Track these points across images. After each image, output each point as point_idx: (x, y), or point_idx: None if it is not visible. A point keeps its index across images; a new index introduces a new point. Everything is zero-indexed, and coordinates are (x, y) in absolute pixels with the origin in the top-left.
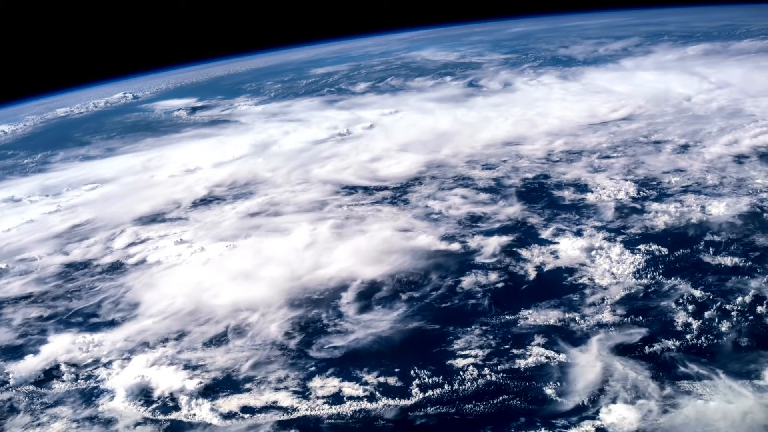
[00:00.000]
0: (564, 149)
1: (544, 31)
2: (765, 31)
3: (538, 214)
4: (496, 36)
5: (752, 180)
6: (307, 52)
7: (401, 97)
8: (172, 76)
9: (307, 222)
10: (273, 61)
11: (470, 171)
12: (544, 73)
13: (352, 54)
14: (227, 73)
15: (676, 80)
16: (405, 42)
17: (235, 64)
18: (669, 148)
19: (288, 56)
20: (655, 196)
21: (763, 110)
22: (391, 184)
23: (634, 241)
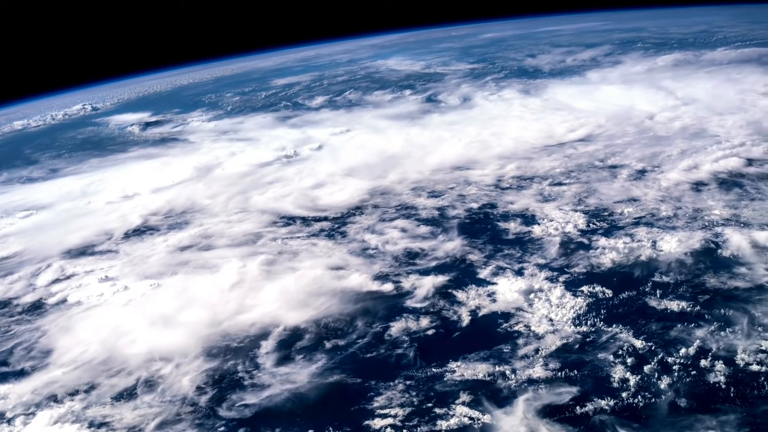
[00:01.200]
0: (515, 174)
1: (517, 38)
2: (740, 38)
3: (479, 250)
4: (467, 42)
5: (709, 211)
6: (277, 58)
7: (356, 114)
8: (139, 83)
9: (237, 258)
10: (240, 69)
11: (415, 199)
12: (506, 87)
13: (319, 62)
14: (192, 81)
15: (641, 96)
16: (374, 48)
17: (204, 71)
18: (625, 173)
19: (257, 63)
20: (605, 229)
21: (727, 130)
22: (331, 214)
23: (578, 281)
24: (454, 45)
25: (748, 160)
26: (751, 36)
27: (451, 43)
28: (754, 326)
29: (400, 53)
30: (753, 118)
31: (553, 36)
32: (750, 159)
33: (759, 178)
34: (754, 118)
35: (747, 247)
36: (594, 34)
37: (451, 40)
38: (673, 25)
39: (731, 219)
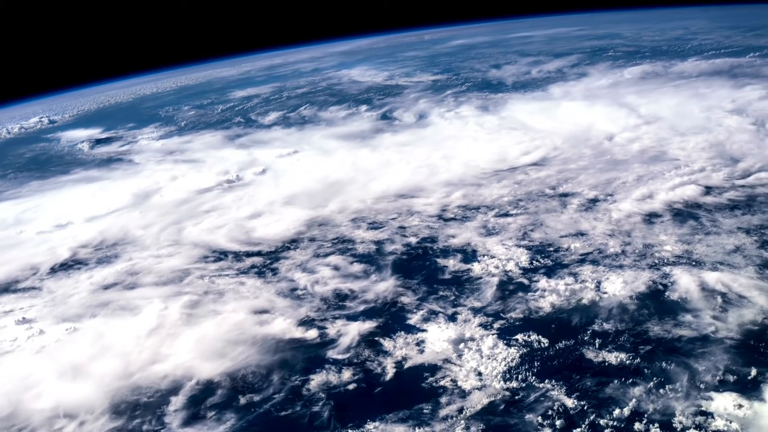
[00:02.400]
0: (461, 204)
1: (487, 44)
2: (715, 45)
3: (413, 291)
4: (435, 49)
5: (660, 247)
6: (245, 65)
7: (307, 133)
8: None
9: (160, 298)
10: (205, 77)
11: (353, 231)
12: (465, 102)
13: (283, 71)
14: (155, 91)
15: (602, 113)
16: (342, 56)
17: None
18: (576, 203)
19: (222, 71)
20: (548, 267)
21: (688, 153)
22: (265, 248)
23: (513, 328)
24: (420, 53)
25: (706, 188)
26: (725, 44)
27: (418, 51)
28: (695, 384)
29: (366, 62)
30: (716, 139)
31: (524, 43)
32: (708, 187)
33: (716, 208)
34: (717, 140)
35: (695, 291)
36: (565, 42)
37: (420, 47)
38: (649, 29)
39: (683, 256)
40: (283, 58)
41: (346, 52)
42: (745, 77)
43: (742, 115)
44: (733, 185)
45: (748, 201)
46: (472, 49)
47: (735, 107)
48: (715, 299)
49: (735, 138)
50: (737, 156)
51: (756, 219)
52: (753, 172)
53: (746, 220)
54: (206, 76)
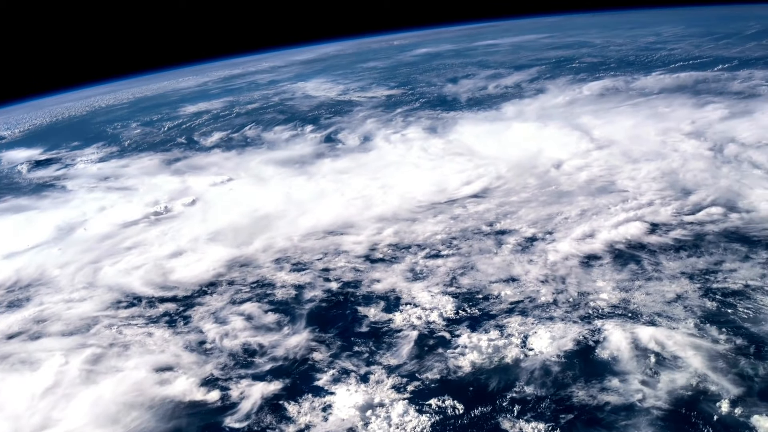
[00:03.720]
0: (392, 242)
1: (451, 54)
2: (683, 56)
3: (327, 346)
4: (396, 59)
5: (595, 295)
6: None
7: (246, 157)
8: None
9: (62, 352)
10: (162, 89)
11: (275, 274)
12: (414, 122)
13: (240, 83)
14: (111, 103)
15: (553, 137)
16: (301, 66)
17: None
18: (512, 242)
19: (180, 83)
20: (474, 319)
21: (637, 184)
22: (180, 293)
23: (428, 391)
24: (381, 64)
25: (652, 226)
26: (694, 54)
27: (379, 61)
28: None
29: (324, 73)
30: (669, 167)
31: (488, 53)
32: (654, 224)
33: (660, 249)
34: (671, 168)
35: (627, 350)
36: (530, 51)
37: (385, 55)
38: (620, 36)
39: (619, 306)
40: (244, 67)
41: (309, 61)
42: (708, 94)
43: (700, 139)
44: (681, 222)
45: (696, 241)
46: (435, 58)
47: (694, 129)
48: (647, 359)
49: (690, 166)
50: (690, 187)
51: (702, 262)
52: (704, 206)
53: (691, 264)
54: (164, 87)
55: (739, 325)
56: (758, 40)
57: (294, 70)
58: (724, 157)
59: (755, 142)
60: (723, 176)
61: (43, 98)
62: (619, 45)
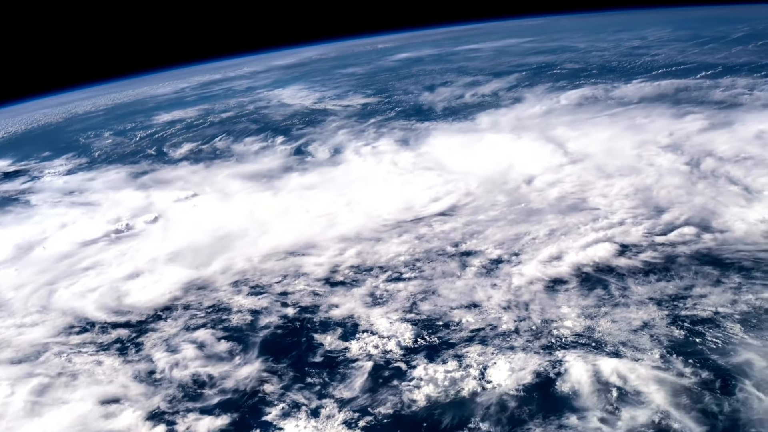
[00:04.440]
0: (354, 263)
1: (432, 59)
2: (667, 61)
3: (279, 377)
4: (376, 65)
5: (559, 322)
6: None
7: (213, 171)
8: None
9: (9, 381)
10: (139, 95)
11: (232, 298)
12: (386, 134)
13: (216, 89)
14: (88, 110)
15: (526, 150)
16: (281, 71)
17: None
18: (476, 264)
19: (157, 88)
20: (432, 348)
21: (609, 202)
22: (135, 318)
23: (380, 428)
24: (360, 70)
25: (622, 247)
26: (678, 60)
27: (359, 67)
28: None
29: (302, 79)
30: (643, 183)
31: (468, 58)
32: (624, 245)
33: (629, 272)
34: (645, 184)
35: (588, 383)
36: (512, 56)
37: (365, 60)
38: (605, 40)
39: (583, 335)
40: (224, 72)
41: (289, 66)
42: (688, 104)
43: (677, 153)
44: (652, 243)
45: (666, 263)
46: (415, 63)
47: (671, 142)
48: (609, 395)
49: (665, 182)
50: (663, 205)
51: (671, 287)
52: (677, 225)
53: (660, 289)
54: (142, 93)
55: (706, 356)
56: (744, 44)
57: (273, 76)
58: (700, 172)
59: (733, 156)
60: (698, 193)
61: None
62: (602, 50)
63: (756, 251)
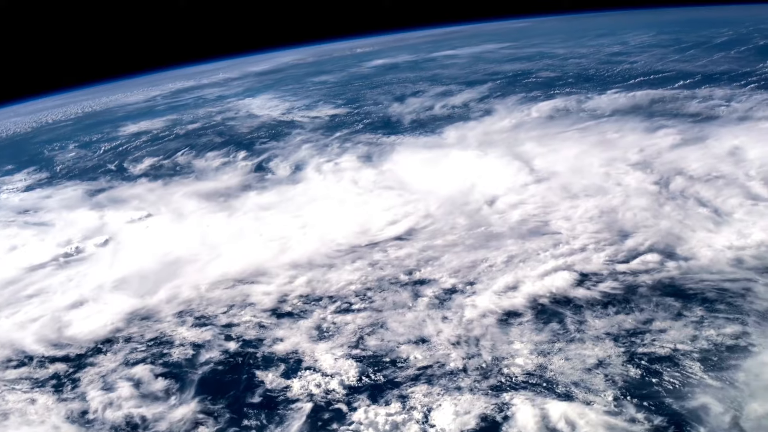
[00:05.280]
0: (303, 292)
1: (408, 66)
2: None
3: (215, 419)
4: (350, 72)
5: (510, 360)
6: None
7: (171, 188)
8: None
9: None
10: (112, 102)
11: (175, 330)
12: (350, 149)
13: (188, 98)
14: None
15: (491, 168)
16: (254, 79)
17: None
18: (429, 294)
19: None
20: (376, 387)
21: (572, 225)
22: (74, 351)
23: None
24: (332, 78)
25: (581, 276)
26: (656, 68)
27: (332, 75)
28: None
29: (274, 88)
30: (609, 205)
31: (444, 65)
32: (584, 274)
33: (587, 304)
34: (610, 206)
35: (534, 430)
36: (489, 63)
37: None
38: (585, 45)
39: (534, 374)
40: (199, 78)
41: (264, 73)
42: (662, 117)
43: (646, 171)
44: (613, 272)
45: (626, 294)
46: (390, 71)
47: (641, 159)
48: None
49: (631, 203)
50: (628, 229)
51: (630, 320)
52: (640, 252)
53: (618, 322)
54: (114, 101)
55: (661, 399)
56: (726, 50)
57: (246, 84)
58: (669, 193)
59: (704, 175)
60: (665, 216)
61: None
62: (581, 56)
63: (721, 281)
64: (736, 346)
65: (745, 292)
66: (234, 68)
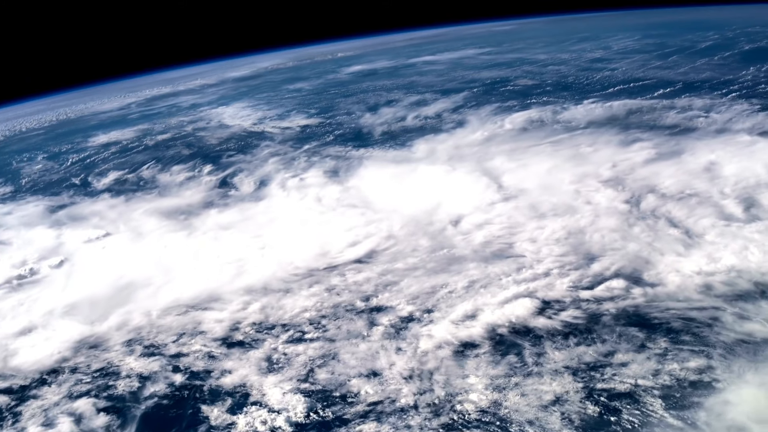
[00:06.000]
0: (256, 319)
1: (385, 72)
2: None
3: None
4: (327, 79)
5: (463, 396)
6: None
7: (132, 205)
8: None
9: None
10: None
11: (123, 359)
12: (317, 163)
13: (162, 106)
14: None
15: (459, 184)
16: (231, 86)
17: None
18: (385, 323)
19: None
20: (324, 424)
21: (537, 248)
22: (18, 382)
23: None
24: (308, 85)
25: (543, 303)
26: (636, 76)
27: (307, 82)
28: None
29: (248, 95)
30: (577, 225)
31: (423, 72)
32: (546, 301)
33: (548, 334)
34: (578, 226)
35: None
36: (467, 70)
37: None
38: (567, 50)
39: (487, 411)
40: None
41: (241, 79)
42: (638, 129)
43: (618, 188)
44: (577, 299)
45: (589, 324)
46: (367, 77)
47: (613, 175)
48: None
49: (600, 224)
50: (595, 252)
51: (591, 352)
52: (606, 277)
53: (579, 354)
54: (88, 108)
55: None
56: (710, 56)
57: (221, 91)
58: (639, 212)
59: (677, 193)
60: (634, 238)
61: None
62: (561, 62)
63: (687, 309)
64: (699, 381)
65: (712, 322)
66: (213, 73)
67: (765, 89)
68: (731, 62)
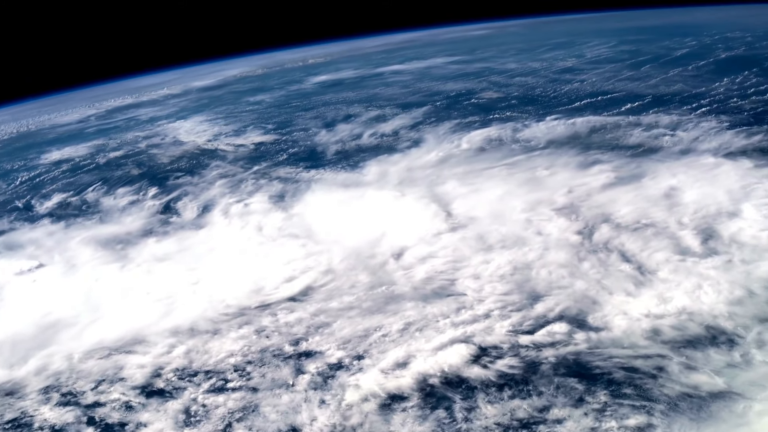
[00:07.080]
0: (180, 365)
1: (350, 83)
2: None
3: None
4: (288, 91)
5: None
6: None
7: (71, 232)
8: None
9: None
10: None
11: (38, 408)
12: (265, 186)
13: (120, 119)
14: None
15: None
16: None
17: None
18: (312, 370)
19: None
20: None
21: (480, 285)
22: None
23: None
24: (269, 97)
25: (479, 350)
26: (605, 88)
27: (270, 93)
28: None
29: (208, 108)
30: (524, 259)
31: (388, 83)
32: (483, 348)
33: (481, 386)
34: (525, 261)
35: None
36: (433, 80)
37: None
38: (539, 58)
39: None
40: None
41: (206, 89)
42: (599, 150)
43: (571, 218)
44: (515, 345)
45: (526, 373)
46: (331, 88)
47: (568, 202)
48: None
49: (548, 258)
50: (540, 290)
51: (525, 407)
52: (550, 320)
53: (512, 409)
54: (49, 120)
55: None
56: (683, 65)
57: (183, 102)
58: (591, 244)
59: (633, 222)
60: (582, 275)
61: None
62: (530, 72)
63: (632, 357)
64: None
65: (656, 372)
66: (181, 81)
67: (736, 103)
68: (704, 73)
